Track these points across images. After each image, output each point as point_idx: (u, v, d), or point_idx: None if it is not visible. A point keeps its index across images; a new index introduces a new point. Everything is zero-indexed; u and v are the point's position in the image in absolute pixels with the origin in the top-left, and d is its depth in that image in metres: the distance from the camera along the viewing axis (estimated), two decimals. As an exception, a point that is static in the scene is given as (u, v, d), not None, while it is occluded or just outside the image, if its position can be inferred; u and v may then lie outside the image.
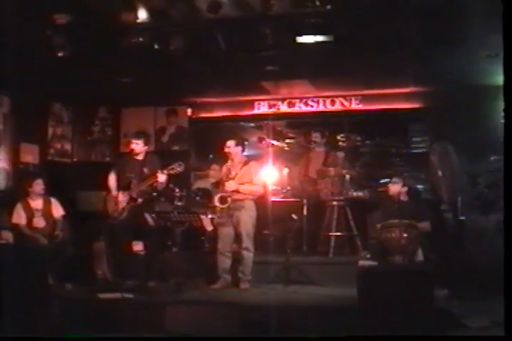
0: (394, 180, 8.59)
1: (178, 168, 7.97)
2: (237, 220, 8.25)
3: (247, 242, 8.27)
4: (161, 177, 7.94)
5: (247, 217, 8.29)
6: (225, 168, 8.40)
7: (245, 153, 8.67)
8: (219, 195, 8.20)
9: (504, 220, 4.42)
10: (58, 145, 11.11)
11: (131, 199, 8.01)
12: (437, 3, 7.13)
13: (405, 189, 8.51)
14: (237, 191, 8.21)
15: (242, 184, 8.25)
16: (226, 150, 8.39)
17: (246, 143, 8.88)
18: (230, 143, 8.40)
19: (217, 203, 8.19)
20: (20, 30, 7.90)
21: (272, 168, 9.93)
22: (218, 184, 8.47)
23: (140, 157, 8.31)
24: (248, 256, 8.29)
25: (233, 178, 8.24)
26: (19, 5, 7.29)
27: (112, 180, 8.32)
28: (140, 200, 8.04)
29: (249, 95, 11.46)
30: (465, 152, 8.43)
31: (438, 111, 10.52)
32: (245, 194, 8.27)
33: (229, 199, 8.16)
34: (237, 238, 8.35)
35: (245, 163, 8.45)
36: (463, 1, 6.96)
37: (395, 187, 8.47)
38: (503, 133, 4.40)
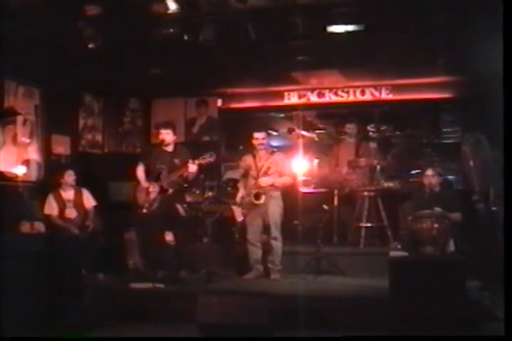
0: (428, 169, 8.58)
1: (209, 158, 7.96)
2: (265, 210, 8.27)
3: (276, 232, 8.28)
4: (192, 167, 7.92)
5: (275, 207, 8.31)
6: (252, 161, 8.44)
7: (275, 144, 8.64)
8: (254, 192, 8.20)
9: (504, 219, 4.40)
10: (89, 137, 11.14)
11: (162, 190, 8.01)
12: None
13: (439, 178, 8.50)
14: (272, 185, 8.24)
15: (269, 175, 8.26)
16: (255, 142, 8.38)
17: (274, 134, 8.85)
18: (261, 134, 8.39)
19: (252, 199, 8.20)
20: (51, 21, 7.97)
21: (302, 158, 9.89)
22: (247, 176, 8.49)
23: (170, 148, 8.29)
24: (277, 245, 8.31)
25: (261, 170, 8.28)
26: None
27: (141, 171, 8.30)
28: (171, 191, 8.06)
29: (279, 85, 11.40)
30: (497, 142, 8.33)
31: (470, 101, 10.38)
32: (278, 187, 8.29)
33: (263, 196, 8.18)
34: (266, 228, 8.37)
35: (271, 154, 8.46)
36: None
37: (430, 176, 8.46)
38: (503, 133, 4.37)
